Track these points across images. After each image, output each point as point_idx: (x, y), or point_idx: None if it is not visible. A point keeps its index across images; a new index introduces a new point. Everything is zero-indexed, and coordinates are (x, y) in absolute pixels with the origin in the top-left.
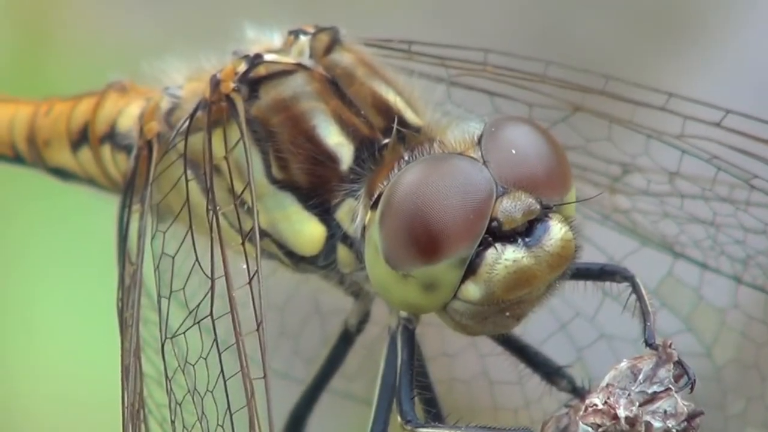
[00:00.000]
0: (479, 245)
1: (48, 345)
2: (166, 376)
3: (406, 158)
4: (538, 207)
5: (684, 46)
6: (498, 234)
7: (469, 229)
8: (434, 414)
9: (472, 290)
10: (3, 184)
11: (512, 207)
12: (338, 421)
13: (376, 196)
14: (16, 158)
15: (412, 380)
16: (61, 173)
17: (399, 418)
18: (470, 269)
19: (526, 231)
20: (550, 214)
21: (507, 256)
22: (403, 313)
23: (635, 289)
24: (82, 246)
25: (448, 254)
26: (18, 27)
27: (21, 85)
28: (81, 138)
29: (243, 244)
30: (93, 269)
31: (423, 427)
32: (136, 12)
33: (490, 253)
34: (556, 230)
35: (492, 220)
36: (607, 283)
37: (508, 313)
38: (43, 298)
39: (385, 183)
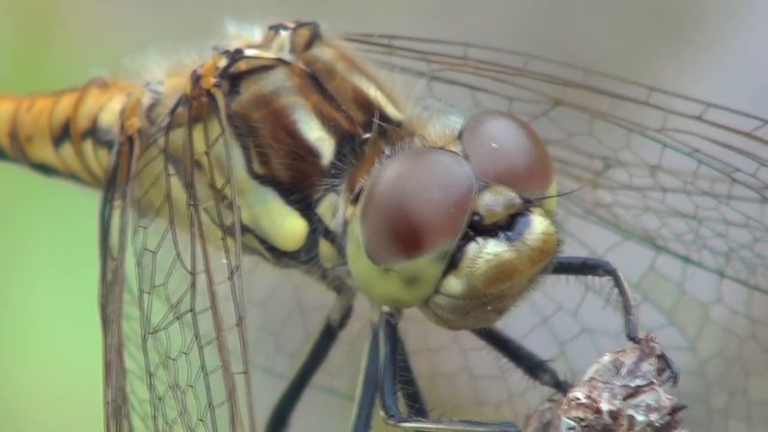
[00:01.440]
0: (460, 239)
1: (47, 344)
2: (148, 372)
3: (387, 153)
4: (519, 201)
5: (684, 47)
6: (479, 228)
7: (450, 223)
8: (417, 408)
9: (453, 284)
10: (2, 185)
11: (493, 201)
12: (322, 417)
13: (357, 190)
14: None
15: (394, 375)
16: (44, 169)
17: (382, 413)
18: (451, 263)
19: (507, 225)
20: (531, 208)
21: (488, 250)
22: (386, 308)
23: (617, 282)
24: (80, 246)
25: (430, 248)
26: (18, 27)
27: (21, 85)
28: (63, 134)
29: (224, 239)
30: (92, 269)
31: (406, 421)
32: (136, 12)
33: (471, 247)
34: (537, 224)
35: (473, 214)
36: (590, 277)
37: (489, 307)
38: (43, 298)
39: (365, 178)
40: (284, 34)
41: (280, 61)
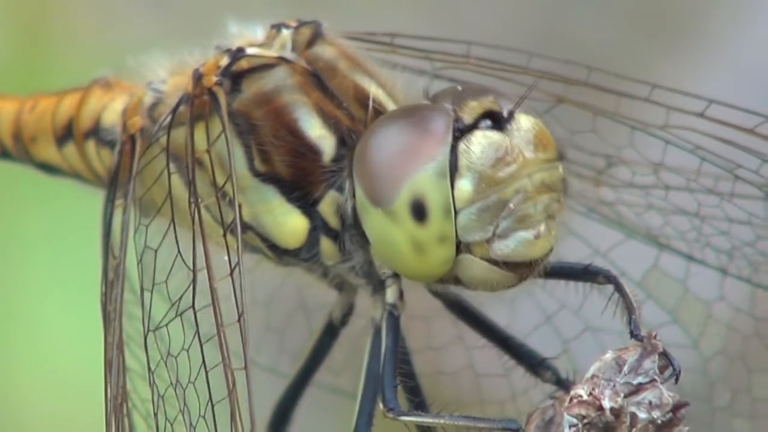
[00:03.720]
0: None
1: (46, 335)
2: (149, 369)
3: None
4: (498, 102)
5: (684, 47)
6: (464, 129)
7: (437, 132)
8: (418, 403)
9: (463, 185)
10: (4, 188)
11: (473, 104)
12: (324, 415)
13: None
14: (3, 153)
15: (395, 367)
16: (48, 168)
17: (381, 406)
18: (453, 172)
19: (492, 122)
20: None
21: (476, 137)
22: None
23: (619, 289)
24: (80, 240)
25: (425, 159)
26: (18, 27)
27: (21, 84)
28: (66, 134)
29: (225, 236)
30: (92, 269)
31: (406, 415)
32: (136, 11)
33: (462, 142)
34: (522, 117)
35: (456, 120)
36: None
37: (516, 220)
38: (44, 297)
39: None
40: (286, 33)
41: (282, 60)
